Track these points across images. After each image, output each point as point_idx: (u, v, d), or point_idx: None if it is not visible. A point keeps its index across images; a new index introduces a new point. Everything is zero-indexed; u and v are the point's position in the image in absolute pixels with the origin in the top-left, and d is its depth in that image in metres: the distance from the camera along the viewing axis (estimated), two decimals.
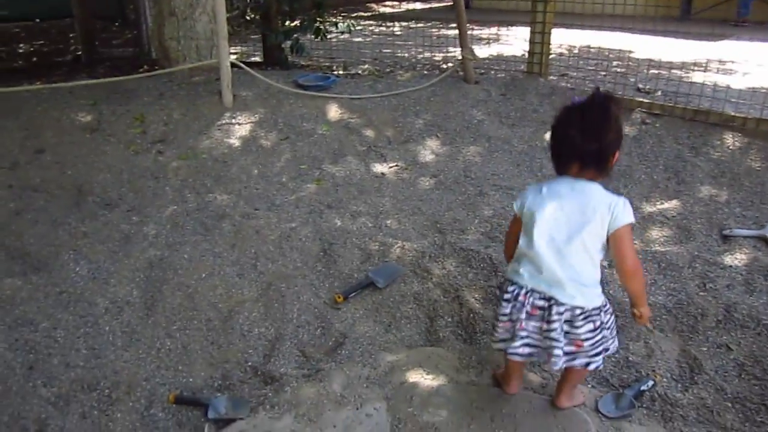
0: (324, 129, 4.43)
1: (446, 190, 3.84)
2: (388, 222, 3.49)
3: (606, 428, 2.19)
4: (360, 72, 5.83)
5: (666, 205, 3.56)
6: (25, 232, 3.30)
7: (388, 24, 9.93)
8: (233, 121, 4.41)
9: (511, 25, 8.96)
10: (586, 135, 1.98)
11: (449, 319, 2.79)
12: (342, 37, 7.59)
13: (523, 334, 2.06)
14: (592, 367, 2.07)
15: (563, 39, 6.68)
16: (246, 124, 4.39)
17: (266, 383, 2.48)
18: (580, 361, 2.05)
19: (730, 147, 4.01)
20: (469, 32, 5.23)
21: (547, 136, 4.30)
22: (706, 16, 10.09)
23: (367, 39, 8.29)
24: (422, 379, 2.41)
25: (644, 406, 2.35)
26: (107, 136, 4.23)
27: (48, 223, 3.40)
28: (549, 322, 2.00)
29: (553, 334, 2.00)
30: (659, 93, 4.95)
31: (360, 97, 4.83)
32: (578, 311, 1.99)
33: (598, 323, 2.02)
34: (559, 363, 2.02)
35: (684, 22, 9.88)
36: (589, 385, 2.42)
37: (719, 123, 4.17)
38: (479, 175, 3.97)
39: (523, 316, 2.04)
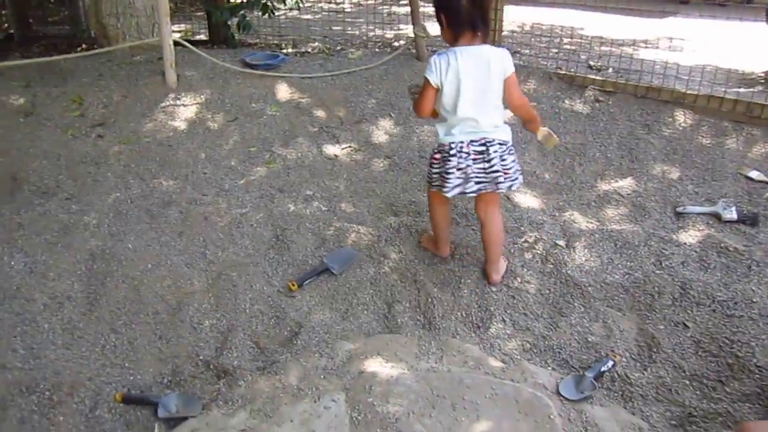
0: (273, 110, 4.29)
1: (401, 171, 3.76)
2: (343, 205, 3.40)
3: (568, 411, 2.16)
4: (309, 50, 5.67)
5: (620, 183, 3.57)
6: None
7: (337, 0, 9.72)
8: (178, 102, 4.23)
9: None
10: (475, 4, 2.48)
11: (407, 305, 2.73)
12: (290, 14, 7.40)
13: (473, 175, 2.61)
14: (515, 186, 2.68)
15: (514, 16, 6.64)
16: (191, 105, 4.21)
17: (219, 378, 2.38)
18: (508, 184, 2.65)
19: (682, 124, 4.04)
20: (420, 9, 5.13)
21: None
22: None
23: (317, 16, 8.09)
24: (381, 367, 2.35)
25: (604, 386, 2.34)
26: (43, 119, 4.00)
27: None
28: (489, 161, 2.59)
29: (495, 167, 2.60)
30: (610, 70, 4.96)
31: (310, 76, 4.69)
32: (504, 147, 2.61)
33: (515, 155, 2.69)
34: (504, 186, 2.64)
35: None
36: (550, 368, 2.40)
37: (670, 100, 4.19)
38: None
39: (470, 162, 2.59)
